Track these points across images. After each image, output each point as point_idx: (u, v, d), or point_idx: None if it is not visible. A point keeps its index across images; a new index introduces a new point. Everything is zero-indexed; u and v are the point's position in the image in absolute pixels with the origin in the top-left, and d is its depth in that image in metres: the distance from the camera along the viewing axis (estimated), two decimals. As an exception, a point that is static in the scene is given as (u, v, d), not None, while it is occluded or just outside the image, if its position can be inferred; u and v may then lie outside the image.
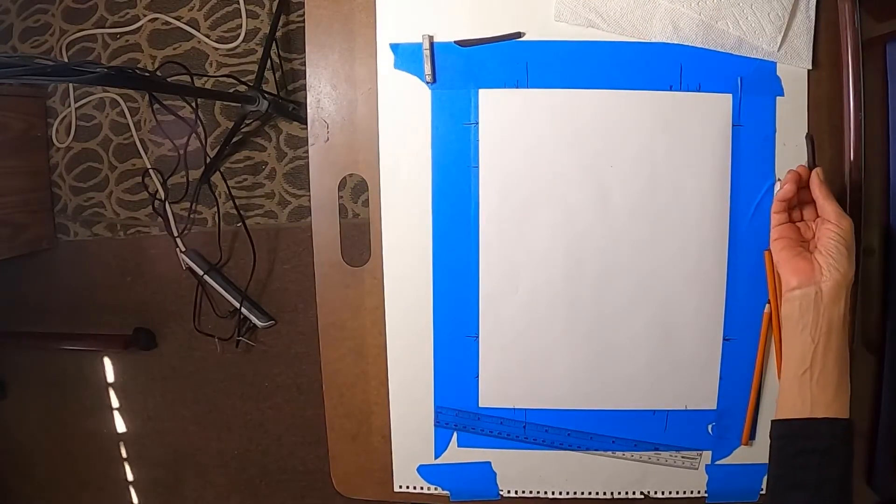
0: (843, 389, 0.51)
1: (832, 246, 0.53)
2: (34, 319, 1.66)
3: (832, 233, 0.54)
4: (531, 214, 0.67)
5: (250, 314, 1.47)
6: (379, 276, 0.69)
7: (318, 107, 0.69)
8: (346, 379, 0.72)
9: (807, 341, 0.53)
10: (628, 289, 0.67)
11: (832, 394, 0.51)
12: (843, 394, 0.51)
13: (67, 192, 1.61)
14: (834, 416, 0.50)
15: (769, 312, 0.65)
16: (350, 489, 0.75)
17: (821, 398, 0.51)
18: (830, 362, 0.52)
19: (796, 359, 0.53)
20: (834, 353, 0.52)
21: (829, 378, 0.51)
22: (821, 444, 0.50)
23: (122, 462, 1.68)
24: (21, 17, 1.58)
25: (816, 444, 0.50)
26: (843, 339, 0.52)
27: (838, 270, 0.53)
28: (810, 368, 0.52)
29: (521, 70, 0.65)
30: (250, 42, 1.45)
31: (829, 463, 0.50)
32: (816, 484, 0.49)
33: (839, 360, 0.52)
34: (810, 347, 0.53)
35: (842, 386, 0.51)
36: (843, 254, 0.53)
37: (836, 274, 0.53)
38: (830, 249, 0.53)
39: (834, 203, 0.55)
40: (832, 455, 0.50)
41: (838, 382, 0.51)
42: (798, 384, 0.53)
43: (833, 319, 0.52)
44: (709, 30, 0.63)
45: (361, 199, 1.39)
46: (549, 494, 0.72)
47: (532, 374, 0.70)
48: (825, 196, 0.55)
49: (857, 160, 0.63)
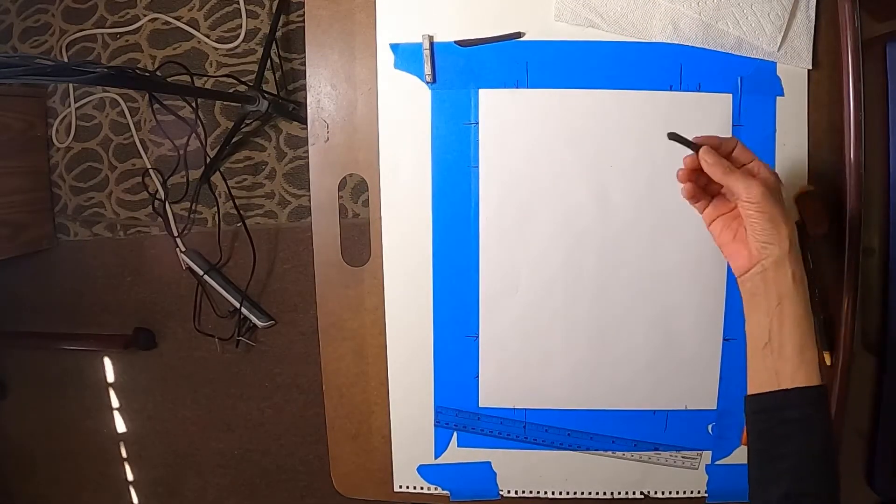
0: (808, 356, 0.50)
1: (753, 223, 0.52)
2: (34, 319, 1.66)
3: (747, 209, 0.52)
4: (531, 214, 0.67)
5: (250, 314, 1.47)
6: (379, 276, 0.69)
7: (318, 107, 0.69)
8: (346, 379, 0.72)
9: (762, 317, 0.53)
10: (628, 289, 0.67)
11: (796, 362, 0.50)
12: (808, 360, 0.50)
13: (67, 192, 1.61)
14: (803, 384, 0.50)
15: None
16: (350, 489, 0.75)
17: (786, 369, 0.51)
18: (787, 332, 0.51)
19: (756, 335, 0.53)
20: (790, 321, 0.51)
21: (790, 348, 0.51)
22: (795, 413, 0.50)
23: (122, 462, 1.67)
24: (21, 17, 1.58)
25: (791, 413, 0.50)
26: (796, 305, 0.51)
27: (770, 244, 0.51)
28: (769, 342, 0.52)
29: (521, 70, 0.65)
30: (250, 42, 1.45)
31: (806, 430, 0.49)
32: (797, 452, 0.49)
33: (797, 327, 0.51)
34: (766, 322, 0.52)
35: (805, 352, 0.50)
36: (767, 226, 0.51)
37: (770, 248, 0.51)
38: (753, 227, 0.52)
39: (735, 176, 0.52)
40: (809, 423, 0.49)
41: (801, 350, 0.50)
42: (762, 358, 0.53)
43: (781, 290, 0.51)
44: (709, 30, 0.63)
45: (361, 199, 1.39)
46: (549, 494, 0.72)
47: (532, 375, 0.70)
48: (723, 174, 0.52)
49: (857, 160, 0.63)
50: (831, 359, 0.66)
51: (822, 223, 0.65)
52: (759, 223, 0.51)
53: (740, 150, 0.54)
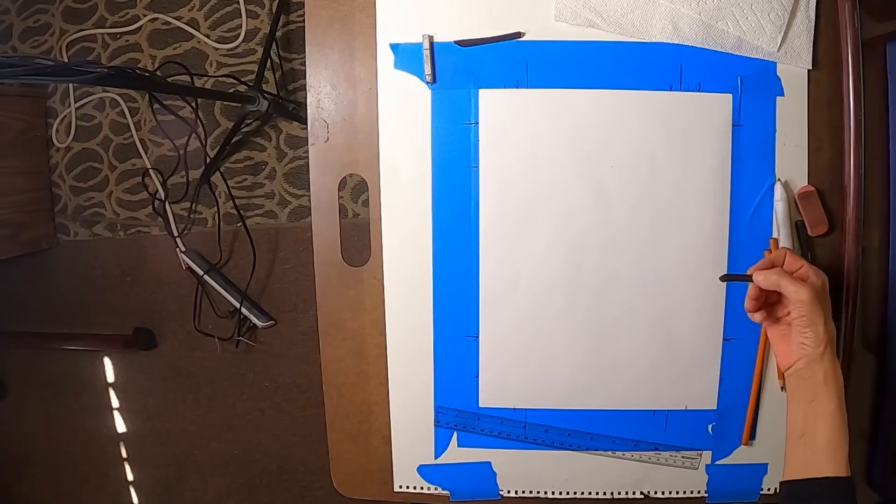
0: (839, 449, 0.54)
1: (796, 325, 0.56)
2: (34, 319, 1.65)
3: (794, 311, 0.56)
4: (531, 214, 0.67)
5: (250, 314, 1.47)
6: (379, 276, 0.69)
7: (318, 107, 0.69)
8: (346, 379, 0.72)
9: (799, 411, 0.57)
10: (628, 289, 0.67)
11: (827, 455, 0.54)
12: (838, 453, 0.53)
13: (67, 192, 1.61)
14: (832, 474, 0.53)
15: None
16: (350, 489, 0.75)
17: (817, 460, 0.54)
18: (820, 427, 0.55)
19: (793, 426, 0.57)
20: (822, 417, 0.55)
21: (822, 441, 0.54)
22: (822, 502, 0.53)
23: (122, 462, 1.67)
24: (21, 17, 1.58)
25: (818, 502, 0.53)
26: (828, 402, 0.55)
27: (806, 346, 0.56)
28: (804, 435, 0.56)
29: (521, 70, 0.65)
30: (250, 42, 1.45)
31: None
32: None
33: (828, 423, 0.54)
34: (801, 416, 0.56)
35: (836, 446, 0.54)
36: (807, 329, 0.55)
37: (806, 349, 0.56)
38: (796, 329, 0.56)
39: (786, 280, 0.56)
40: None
41: (831, 443, 0.54)
42: (796, 448, 0.56)
43: (815, 388, 0.55)
44: (709, 30, 0.63)
45: (361, 199, 1.39)
46: (549, 494, 0.72)
47: (532, 375, 0.70)
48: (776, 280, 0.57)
49: (857, 160, 0.63)
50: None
51: (822, 223, 0.65)
52: (801, 325, 0.56)
53: (790, 259, 0.58)
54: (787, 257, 0.58)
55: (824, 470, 0.53)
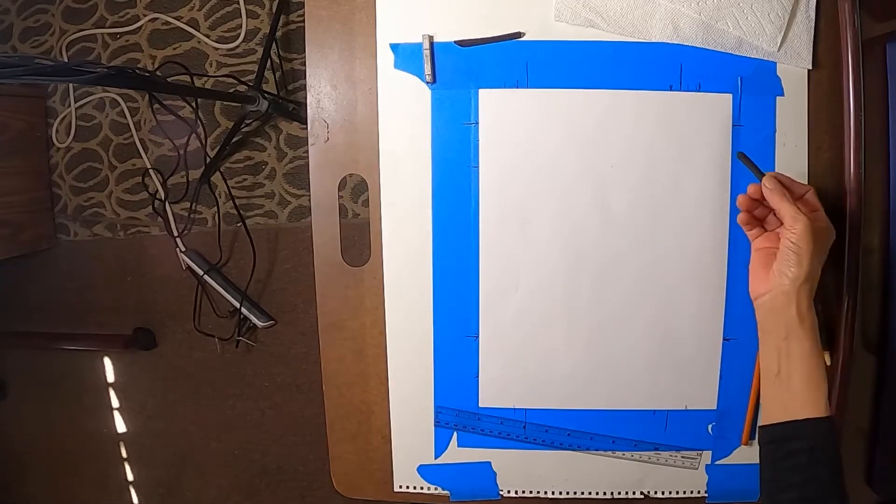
0: (816, 389, 0.52)
1: (783, 251, 0.54)
2: (34, 319, 1.66)
3: (785, 238, 0.54)
4: (531, 214, 0.67)
5: (250, 314, 1.47)
6: (379, 276, 0.69)
7: (318, 107, 0.69)
8: (346, 379, 0.72)
9: (772, 349, 0.55)
10: (628, 289, 0.67)
11: (804, 395, 0.52)
12: (816, 393, 0.52)
13: (67, 192, 1.61)
14: (811, 415, 0.51)
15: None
16: (350, 489, 0.75)
17: (794, 401, 0.52)
18: (795, 365, 0.53)
19: (767, 365, 0.55)
20: (797, 355, 0.53)
21: (798, 380, 0.52)
22: (804, 444, 0.51)
23: (122, 462, 1.67)
24: (21, 17, 1.58)
25: (800, 445, 0.51)
26: (802, 341, 0.53)
27: (786, 275, 0.54)
28: (779, 374, 0.54)
29: (521, 70, 0.65)
30: (250, 42, 1.45)
31: (815, 462, 0.50)
32: (805, 483, 0.50)
33: (803, 361, 0.52)
34: (775, 354, 0.54)
35: (813, 386, 0.52)
36: (792, 258, 0.53)
37: (784, 279, 0.54)
38: (781, 255, 0.54)
39: (787, 205, 0.54)
40: (816, 454, 0.51)
41: (808, 383, 0.52)
42: (772, 388, 0.55)
43: (789, 324, 0.53)
44: (709, 30, 0.63)
45: (361, 199, 1.39)
46: (549, 494, 0.72)
47: (532, 374, 0.70)
48: (778, 201, 0.55)
49: (857, 160, 0.63)
50: (831, 359, 0.66)
51: (822, 223, 0.65)
52: (787, 253, 0.54)
53: (812, 195, 0.57)
54: (809, 195, 0.56)
55: (803, 411, 0.51)
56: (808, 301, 0.54)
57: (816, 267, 0.54)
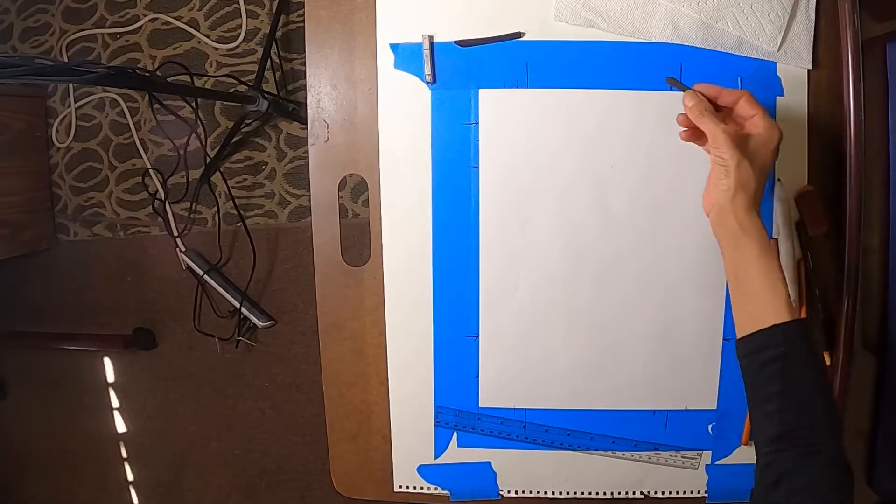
0: (773, 293, 0.51)
1: (712, 166, 0.56)
2: (34, 319, 1.66)
3: (712, 154, 0.55)
4: (531, 214, 0.67)
5: (250, 314, 1.47)
6: (379, 276, 0.69)
7: (318, 107, 0.69)
8: (346, 379, 0.72)
9: (728, 261, 0.55)
10: (628, 289, 0.67)
11: (765, 302, 0.52)
12: (775, 298, 0.51)
13: (67, 192, 1.61)
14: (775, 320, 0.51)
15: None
16: (350, 489, 0.75)
17: (756, 310, 0.52)
18: (751, 274, 0.53)
19: (728, 278, 0.56)
20: (749, 265, 0.53)
21: (756, 289, 0.52)
22: (775, 352, 0.50)
23: (122, 462, 1.67)
24: (21, 17, 1.58)
25: (771, 353, 0.51)
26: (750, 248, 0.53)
27: (720, 189, 0.55)
28: (738, 285, 0.54)
29: (521, 70, 0.65)
30: (250, 42, 1.45)
31: (789, 368, 0.50)
32: (784, 392, 0.50)
33: (757, 268, 0.52)
34: (731, 265, 0.55)
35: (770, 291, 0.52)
36: (721, 171, 0.54)
37: (719, 193, 0.55)
38: (712, 170, 0.56)
39: (705, 120, 0.55)
40: (790, 359, 0.50)
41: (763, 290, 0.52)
42: (737, 301, 0.55)
43: (734, 235, 0.54)
44: (709, 30, 0.63)
45: (361, 199, 1.39)
46: (549, 494, 0.72)
47: (532, 374, 0.70)
48: (696, 119, 0.56)
49: (857, 160, 0.63)
50: (831, 359, 0.66)
51: (822, 223, 0.65)
52: (716, 168, 0.55)
53: (745, 102, 0.56)
54: (743, 100, 0.56)
55: (767, 318, 0.51)
56: (746, 209, 0.54)
57: (748, 175, 0.54)
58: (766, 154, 0.55)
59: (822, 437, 0.48)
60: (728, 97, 0.57)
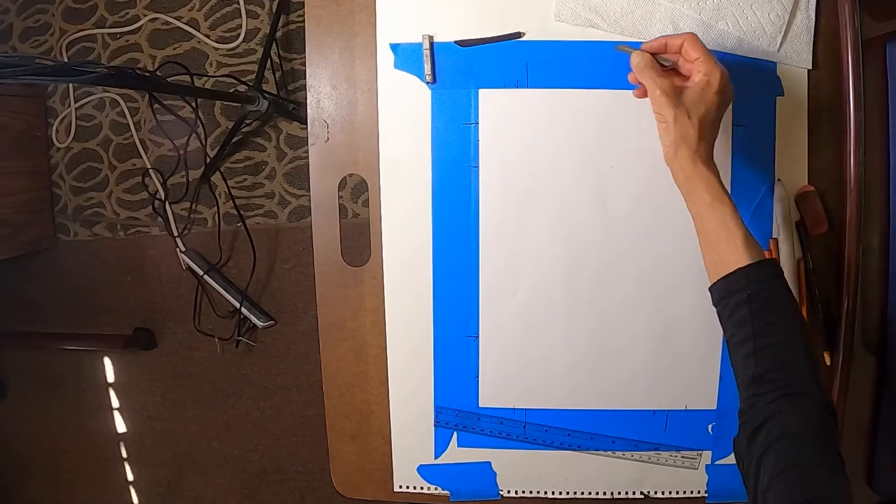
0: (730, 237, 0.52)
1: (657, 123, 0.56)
2: (34, 319, 1.66)
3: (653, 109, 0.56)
4: (531, 214, 0.67)
5: (250, 314, 1.47)
6: (379, 276, 0.69)
7: (318, 107, 0.69)
8: (346, 379, 0.72)
9: (691, 213, 0.56)
10: (628, 289, 0.67)
11: (726, 247, 0.52)
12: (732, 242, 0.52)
13: (67, 192, 1.61)
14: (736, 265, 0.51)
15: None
16: (350, 489, 0.75)
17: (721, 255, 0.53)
18: (706, 222, 0.54)
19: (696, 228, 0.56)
20: (706, 214, 0.54)
21: (713, 235, 0.53)
22: (742, 295, 0.51)
23: (122, 462, 1.67)
24: (21, 17, 1.58)
25: (738, 297, 0.51)
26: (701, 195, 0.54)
27: (664, 144, 0.56)
28: (701, 234, 0.55)
29: (521, 70, 0.65)
30: (250, 42, 1.45)
31: (757, 310, 0.50)
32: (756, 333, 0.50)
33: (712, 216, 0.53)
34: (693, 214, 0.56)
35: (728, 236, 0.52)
36: (661, 127, 0.55)
37: (664, 148, 0.56)
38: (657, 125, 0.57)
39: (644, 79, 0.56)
40: (757, 301, 0.50)
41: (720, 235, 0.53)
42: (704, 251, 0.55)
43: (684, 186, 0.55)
44: (709, 30, 0.63)
45: (361, 199, 1.39)
46: (549, 494, 0.72)
47: (532, 374, 0.70)
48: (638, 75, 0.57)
49: (857, 160, 0.63)
50: (831, 359, 0.66)
51: (822, 223, 0.65)
52: (658, 124, 0.56)
53: (688, 45, 0.56)
54: (686, 44, 0.56)
55: (728, 264, 0.52)
56: (692, 161, 0.54)
57: (686, 128, 0.54)
58: (709, 100, 0.54)
59: (798, 377, 0.48)
60: (674, 43, 0.57)
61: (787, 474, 0.44)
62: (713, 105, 0.54)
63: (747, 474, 0.48)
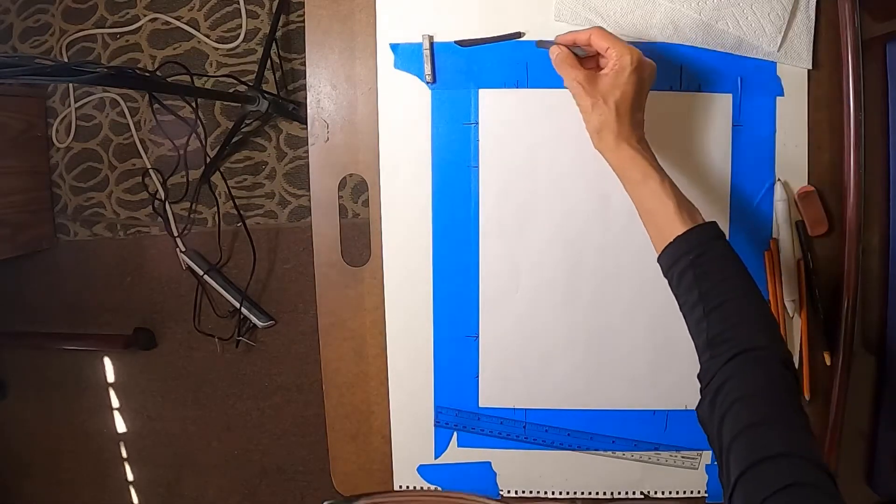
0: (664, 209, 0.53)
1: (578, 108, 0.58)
2: (34, 319, 1.66)
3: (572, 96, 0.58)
4: (531, 214, 0.67)
5: (250, 314, 1.47)
6: (379, 276, 0.69)
7: (318, 107, 0.69)
8: (346, 379, 0.72)
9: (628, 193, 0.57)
10: (628, 288, 0.67)
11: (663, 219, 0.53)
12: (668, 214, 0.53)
13: (67, 192, 1.61)
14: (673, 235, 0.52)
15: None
16: (350, 489, 0.75)
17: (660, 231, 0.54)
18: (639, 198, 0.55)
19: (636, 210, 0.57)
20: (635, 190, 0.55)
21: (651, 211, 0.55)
22: (684, 262, 0.52)
23: (121, 462, 1.67)
24: (21, 17, 1.58)
25: (682, 264, 0.52)
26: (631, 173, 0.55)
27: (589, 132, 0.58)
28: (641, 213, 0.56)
29: (521, 70, 0.65)
30: (250, 42, 1.45)
31: (702, 273, 0.51)
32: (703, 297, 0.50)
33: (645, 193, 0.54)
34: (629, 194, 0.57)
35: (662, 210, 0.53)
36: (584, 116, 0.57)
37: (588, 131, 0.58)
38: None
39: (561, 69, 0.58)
40: (701, 266, 0.51)
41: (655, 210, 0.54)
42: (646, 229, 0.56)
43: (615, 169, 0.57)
44: (709, 30, 0.63)
45: (361, 199, 1.39)
46: (549, 494, 0.72)
47: (532, 375, 0.70)
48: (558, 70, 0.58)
49: (857, 160, 0.63)
50: (831, 359, 0.66)
51: (822, 223, 0.65)
52: (581, 115, 0.58)
53: (595, 38, 0.57)
54: (593, 37, 0.56)
55: (667, 235, 0.52)
56: (616, 144, 0.56)
57: (604, 115, 0.55)
58: (623, 83, 0.55)
59: (749, 334, 0.48)
60: (582, 38, 0.57)
61: (742, 437, 0.44)
62: (630, 86, 0.55)
63: (712, 441, 0.47)
